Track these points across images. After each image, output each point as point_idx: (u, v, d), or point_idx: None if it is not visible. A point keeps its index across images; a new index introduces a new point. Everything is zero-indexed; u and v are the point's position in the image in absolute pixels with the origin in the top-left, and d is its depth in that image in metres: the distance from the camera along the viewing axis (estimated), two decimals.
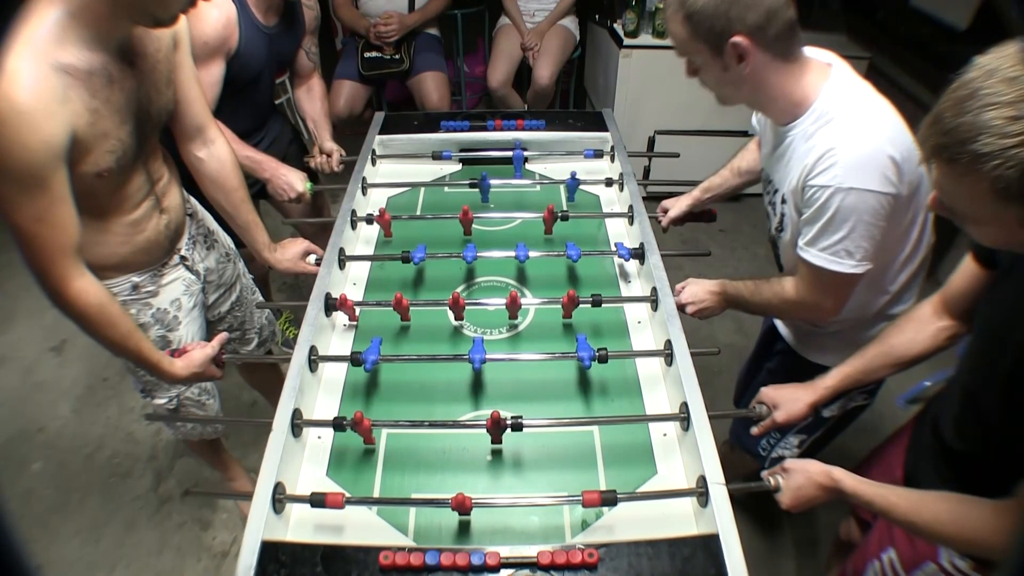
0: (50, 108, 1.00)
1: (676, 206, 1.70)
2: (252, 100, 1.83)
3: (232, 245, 1.70)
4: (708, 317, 1.44)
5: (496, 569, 0.94)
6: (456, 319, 1.44)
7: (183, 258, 1.48)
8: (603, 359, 1.24)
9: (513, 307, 1.35)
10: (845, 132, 1.10)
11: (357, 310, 1.43)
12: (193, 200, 1.57)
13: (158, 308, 1.43)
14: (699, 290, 1.41)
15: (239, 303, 1.72)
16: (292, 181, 1.80)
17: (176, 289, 1.47)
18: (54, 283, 1.10)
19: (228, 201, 1.51)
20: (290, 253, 1.60)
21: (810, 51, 1.19)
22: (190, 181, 1.51)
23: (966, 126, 0.65)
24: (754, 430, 1.29)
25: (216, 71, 1.62)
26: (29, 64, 0.98)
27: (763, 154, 1.39)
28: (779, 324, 1.58)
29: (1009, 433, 0.91)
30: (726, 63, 1.12)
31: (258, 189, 1.88)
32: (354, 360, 1.25)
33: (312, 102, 2.10)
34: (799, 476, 1.05)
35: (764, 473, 1.11)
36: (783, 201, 1.27)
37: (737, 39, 1.07)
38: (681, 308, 1.39)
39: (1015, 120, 0.61)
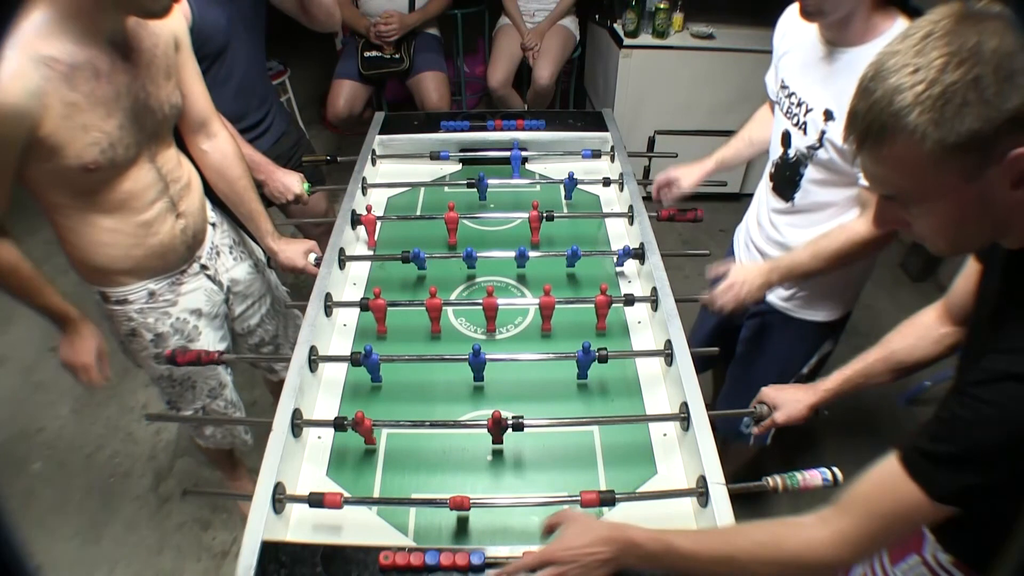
0: (17, 98, 1.02)
1: (687, 179, 1.65)
2: (232, 77, 1.76)
3: (262, 256, 1.69)
4: (742, 304, 1.39)
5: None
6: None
7: (203, 267, 1.48)
8: (603, 359, 1.24)
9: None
10: None
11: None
12: (219, 211, 1.57)
13: (177, 318, 1.43)
14: (743, 278, 1.37)
15: (270, 316, 1.72)
16: (289, 183, 1.78)
17: (196, 299, 1.46)
18: None
19: (232, 190, 1.52)
20: (294, 247, 1.60)
21: None
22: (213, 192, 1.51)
23: (879, 99, 0.70)
24: (754, 430, 1.29)
25: None
26: (11, 54, 0.99)
27: (790, 68, 1.39)
28: None
29: None
30: None
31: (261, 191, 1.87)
32: (354, 360, 1.25)
33: None
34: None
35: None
36: (828, 118, 1.28)
37: None
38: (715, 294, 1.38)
39: (915, 72, 0.67)
